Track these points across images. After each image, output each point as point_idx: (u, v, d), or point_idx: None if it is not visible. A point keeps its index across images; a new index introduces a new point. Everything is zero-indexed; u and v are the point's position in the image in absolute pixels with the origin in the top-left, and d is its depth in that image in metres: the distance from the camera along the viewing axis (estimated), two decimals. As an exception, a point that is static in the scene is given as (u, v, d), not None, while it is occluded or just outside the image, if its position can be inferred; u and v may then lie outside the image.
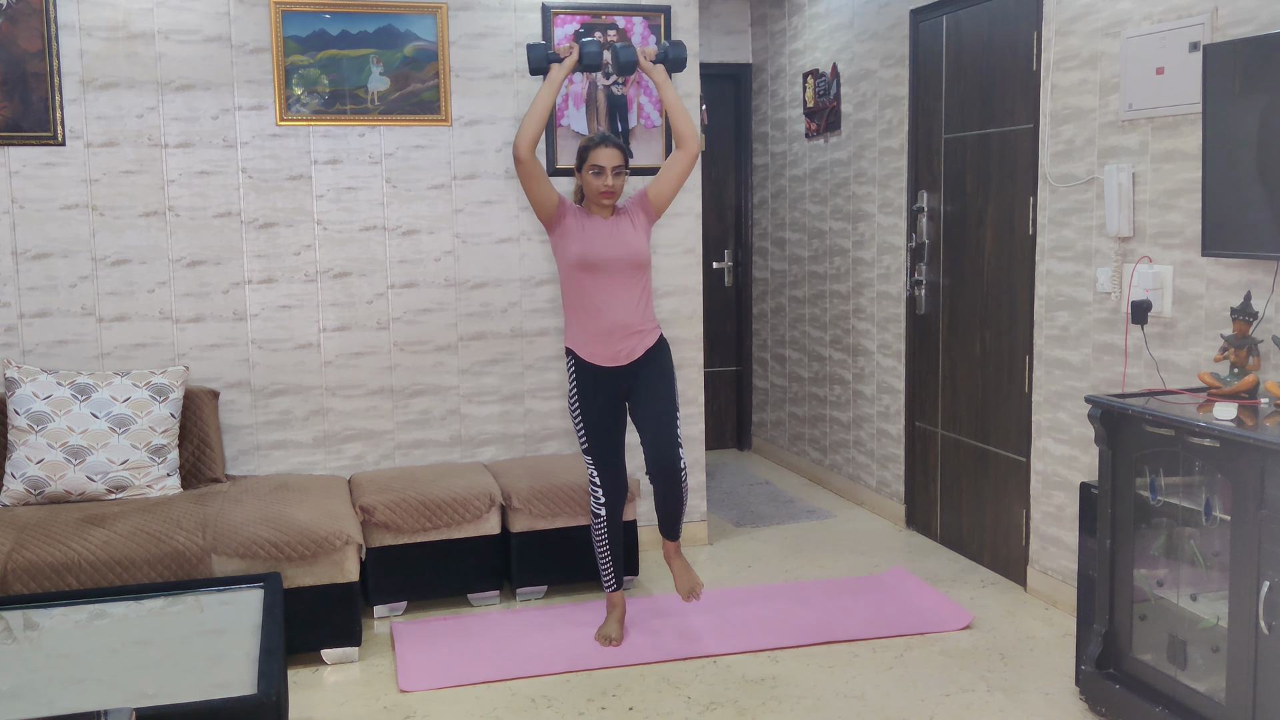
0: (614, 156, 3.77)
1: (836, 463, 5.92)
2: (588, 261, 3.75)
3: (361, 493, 4.21)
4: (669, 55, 3.82)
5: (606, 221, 3.82)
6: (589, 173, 3.78)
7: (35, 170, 4.24)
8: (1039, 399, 4.26)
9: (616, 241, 3.78)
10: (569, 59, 3.76)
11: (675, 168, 3.85)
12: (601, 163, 3.76)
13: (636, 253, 3.80)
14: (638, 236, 3.82)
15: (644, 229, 3.86)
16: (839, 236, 5.75)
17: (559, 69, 3.75)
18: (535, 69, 3.77)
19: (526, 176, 3.72)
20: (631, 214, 3.86)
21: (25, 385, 4.01)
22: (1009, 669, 3.68)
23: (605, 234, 3.78)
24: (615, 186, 3.78)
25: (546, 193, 3.75)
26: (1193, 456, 2.97)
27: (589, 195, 3.82)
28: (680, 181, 3.87)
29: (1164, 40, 3.55)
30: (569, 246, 3.78)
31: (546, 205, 3.77)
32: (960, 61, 4.69)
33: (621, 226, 3.82)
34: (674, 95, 3.81)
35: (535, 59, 3.75)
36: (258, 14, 4.38)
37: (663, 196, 3.88)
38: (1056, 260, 4.13)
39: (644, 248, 3.83)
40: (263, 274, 4.49)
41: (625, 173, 3.81)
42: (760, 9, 6.57)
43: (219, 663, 2.92)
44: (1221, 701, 2.87)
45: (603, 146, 3.77)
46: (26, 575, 3.50)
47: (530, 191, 3.75)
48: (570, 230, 3.78)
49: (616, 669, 3.72)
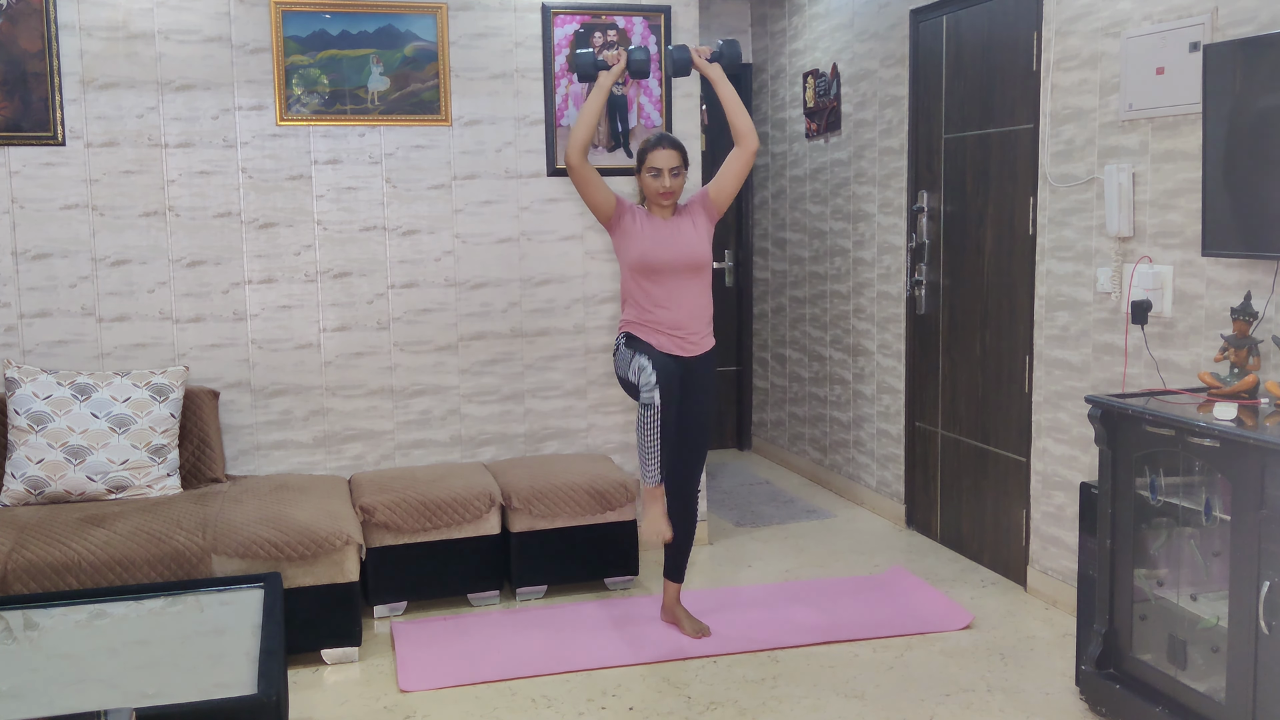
0: (671, 158, 3.78)
1: (836, 463, 5.92)
2: (648, 263, 3.75)
3: (361, 493, 4.21)
4: (723, 53, 3.84)
5: (667, 222, 3.83)
6: (647, 174, 3.79)
7: (35, 170, 4.24)
8: (1039, 399, 4.26)
9: (677, 243, 3.79)
10: (617, 66, 3.77)
11: (735, 165, 3.84)
12: (659, 164, 3.77)
13: (697, 254, 3.80)
14: (699, 237, 3.82)
15: (705, 229, 3.86)
16: (839, 236, 5.75)
17: (607, 76, 3.76)
18: (583, 76, 3.79)
19: (581, 182, 3.74)
20: (693, 214, 3.86)
21: (25, 385, 4.01)
22: (1009, 669, 3.68)
23: (666, 235, 3.79)
24: (673, 187, 3.79)
25: (603, 195, 3.76)
26: (1193, 456, 2.96)
27: (648, 196, 3.84)
28: (741, 178, 3.87)
29: (1164, 40, 3.55)
30: (629, 248, 3.79)
31: (604, 208, 3.78)
32: (960, 61, 4.69)
33: (682, 227, 3.82)
34: (731, 93, 3.82)
35: (583, 67, 3.77)
36: (258, 14, 4.38)
37: (724, 194, 3.88)
38: (1056, 260, 4.13)
39: (704, 249, 3.83)
40: (263, 274, 4.49)
41: (684, 172, 3.82)
42: (760, 9, 6.57)
43: (219, 663, 2.92)
44: (1221, 701, 2.87)
45: (659, 148, 3.78)
46: (26, 575, 3.50)
47: (586, 196, 3.76)
48: (630, 231, 3.79)
49: (616, 669, 3.72)
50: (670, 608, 4.02)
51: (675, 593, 4.02)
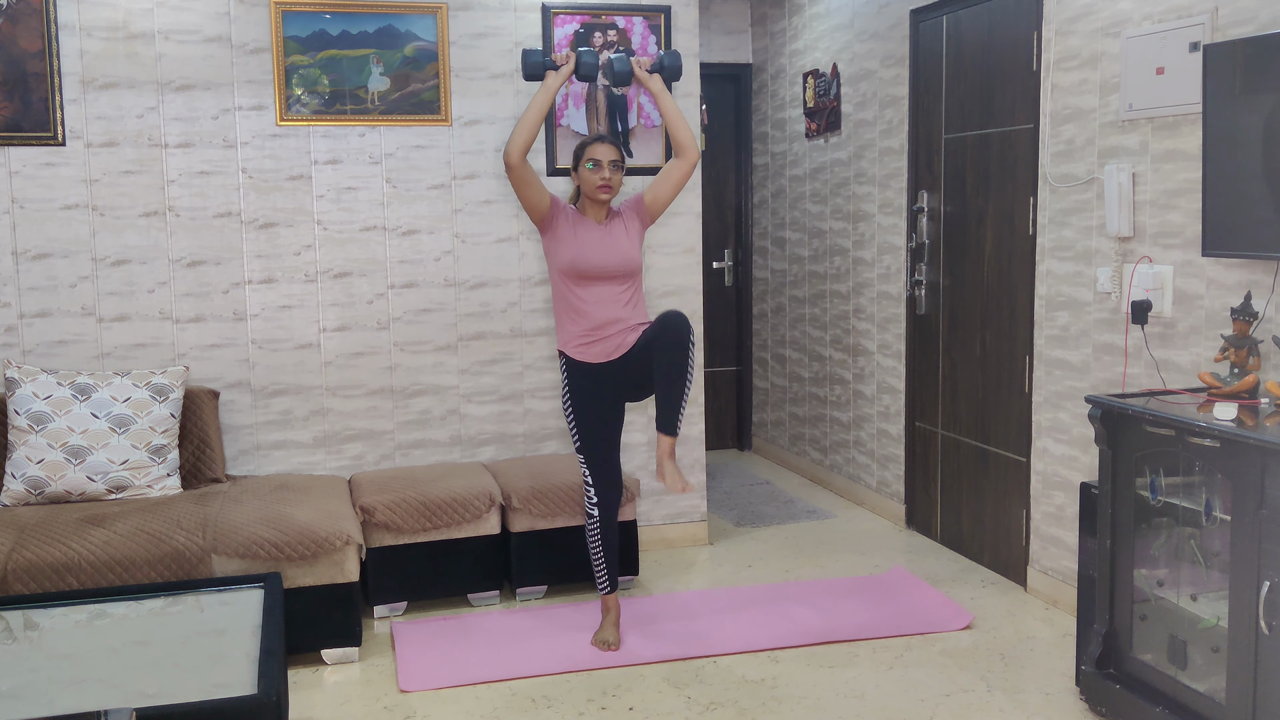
0: (611, 151, 3.77)
1: (836, 463, 5.92)
2: (578, 269, 3.74)
3: (361, 493, 4.21)
4: (664, 65, 3.82)
5: (599, 226, 3.81)
6: (585, 166, 3.78)
7: (35, 170, 4.24)
8: (1039, 399, 4.26)
9: (608, 248, 3.77)
10: (565, 67, 3.75)
11: (674, 175, 3.85)
12: (598, 156, 3.76)
13: (628, 260, 3.79)
14: (630, 242, 3.82)
15: (637, 234, 3.86)
16: (839, 236, 5.75)
17: (554, 77, 3.74)
18: (530, 75, 3.76)
19: (518, 181, 3.71)
20: (625, 218, 3.86)
21: (25, 385, 4.01)
22: (1009, 669, 3.68)
23: (597, 240, 3.78)
24: (613, 181, 3.77)
25: (539, 195, 3.74)
26: (1193, 456, 2.96)
27: (585, 191, 3.81)
28: (678, 189, 3.87)
29: (1164, 40, 3.55)
30: (560, 251, 3.77)
31: (539, 208, 3.76)
32: (960, 61, 4.69)
33: (614, 232, 3.82)
34: (671, 104, 3.80)
35: (530, 65, 3.74)
36: (258, 14, 4.38)
37: (659, 202, 3.88)
38: (1056, 260, 4.13)
39: (636, 255, 3.82)
40: (263, 274, 4.49)
41: (623, 169, 3.81)
42: (760, 9, 6.57)
43: (219, 663, 2.92)
44: (1221, 701, 2.87)
45: (599, 142, 3.79)
46: (26, 575, 3.49)
47: (522, 195, 3.74)
48: (562, 235, 3.78)
49: (616, 669, 3.72)
50: (661, 460, 3.74)
51: (668, 446, 3.73)
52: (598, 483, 3.87)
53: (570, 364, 3.83)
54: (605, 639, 3.88)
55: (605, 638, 3.88)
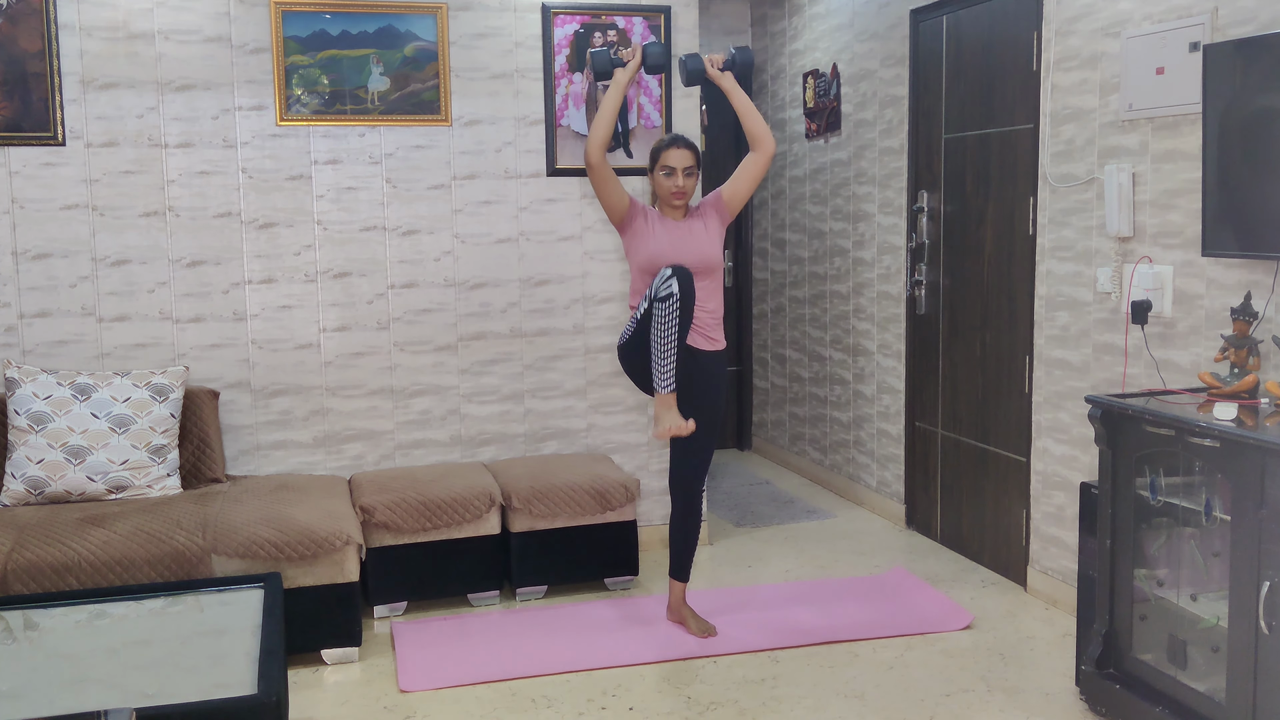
0: (685, 158, 3.78)
1: (837, 463, 5.92)
2: (658, 265, 3.74)
3: (361, 493, 4.21)
4: (736, 61, 3.84)
5: (679, 224, 3.82)
6: (660, 174, 3.79)
7: (35, 170, 4.24)
8: (1039, 399, 4.26)
9: (686, 245, 3.78)
10: (632, 62, 3.78)
11: (751, 169, 3.85)
12: (672, 164, 3.76)
13: (707, 256, 3.79)
14: (710, 239, 3.82)
15: (716, 231, 3.85)
16: (839, 237, 5.75)
17: (623, 72, 3.77)
18: (600, 75, 3.80)
19: (599, 181, 3.73)
20: (705, 216, 3.86)
21: (25, 385, 4.01)
22: (1009, 669, 3.68)
23: (676, 237, 3.78)
24: (686, 187, 3.78)
25: (618, 195, 3.76)
26: (1193, 456, 2.96)
27: (660, 196, 3.83)
28: (756, 183, 3.88)
29: (1164, 40, 3.55)
30: (640, 249, 3.78)
31: (618, 208, 3.78)
32: (960, 62, 4.69)
33: (694, 229, 3.82)
34: (744, 100, 3.83)
35: (600, 64, 3.79)
36: (258, 14, 4.38)
37: (738, 197, 3.88)
38: (1056, 260, 4.13)
39: (715, 252, 3.82)
40: (263, 274, 4.49)
41: (697, 173, 3.82)
42: (760, 9, 6.57)
43: (219, 663, 2.92)
44: (1221, 701, 2.87)
45: (674, 148, 3.78)
46: (26, 575, 3.49)
47: (602, 195, 3.76)
48: (641, 232, 3.79)
49: (616, 669, 3.72)
50: (676, 607, 4.01)
51: (681, 592, 4.01)
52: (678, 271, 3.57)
53: None
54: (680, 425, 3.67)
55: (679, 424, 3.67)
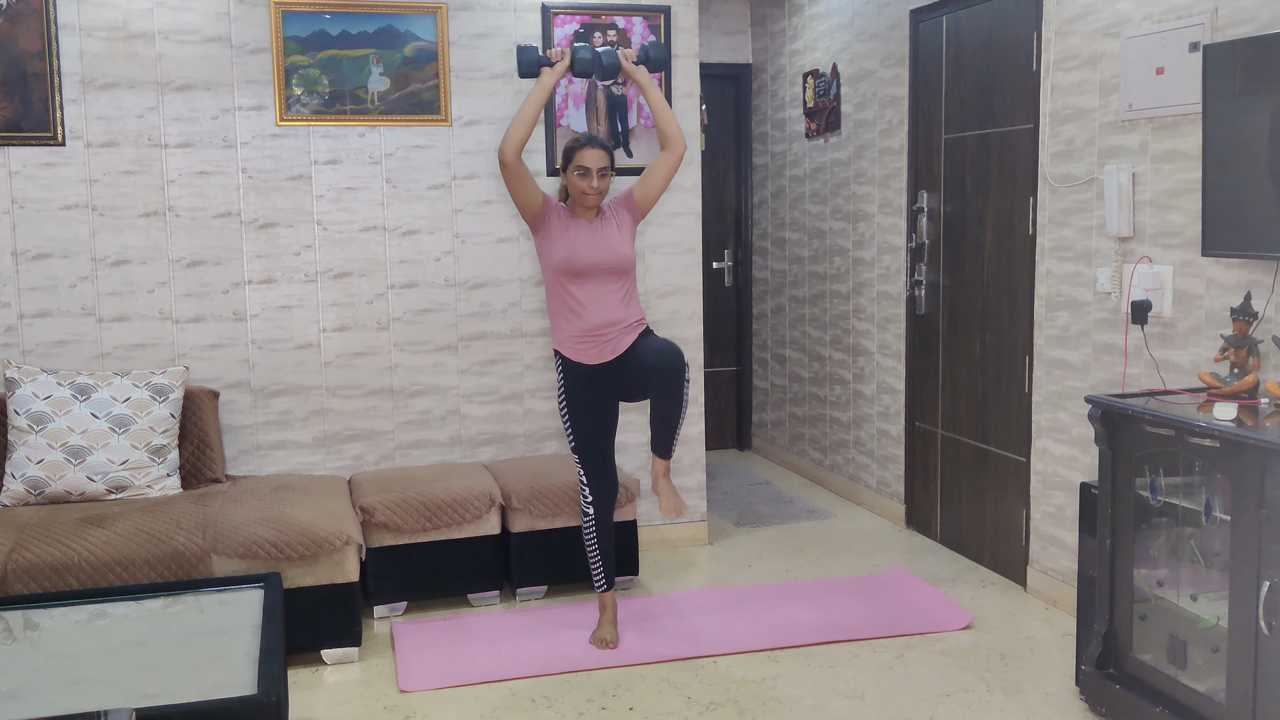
0: (600, 158, 3.75)
1: (836, 463, 5.92)
2: (571, 266, 3.74)
3: (361, 493, 4.21)
4: (650, 56, 3.82)
5: (591, 224, 3.81)
6: (574, 173, 3.76)
7: (35, 170, 4.24)
8: (1039, 399, 4.26)
9: (600, 245, 3.76)
10: (560, 64, 3.75)
11: (661, 169, 3.84)
12: (587, 164, 3.74)
13: (621, 256, 3.79)
14: (622, 239, 3.81)
15: (629, 231, 3.85)
16: (839, 236, 5.75)
17: (550, 74, 3.74)
18: (525, 73, 3.75)
19: (513, 180, 3.70)
20: (616, 215, 3.85)
21: (25, 385, 4.01)
22: (1009, 669, 3.68)
23: (589, 238, 3.77)
24: (600, 188, 3.77)
25: (531, 195, 3.74)
26: (1193, 456, 2.96)
27: (574, 196, 3.80)
28: (665, 182, 3.87)
29: (1164, 40, 3.55)
30: (553, 250, 3.77)
31: (531, 207, 3.76)
32: (960, 62, 4.69)
33: (606, 229, 3.81)
34: (658, 96, 3.81)
35: (526, 62, 3.73)
36: (258, 14, 4.38)
37: (649, 198, 3.87)
38: (1056, 260, 4.13)
39: (628, 251, 3.81)
40: (263, 274, 4.49)
41: (611, 174, 3.80)
42: (760, 9, 6.57)
43: (219, 663, 2.92)
44: (1221, 701, 2.87)
45: (589, 148, 3.75)
46: (26, 575, 3.49)
47: (515, 194, 3.74)
48: (554, 233, 3.77)
49: (616, 669, 3.72)
50: (656, 479, 3.83)
51: (663, 468, 3.81)
52: (593, 482, 3.87)
53: (566, 364, 3.83)
54: (603, 637, 3.88)
55: (603, 635, 3.88)
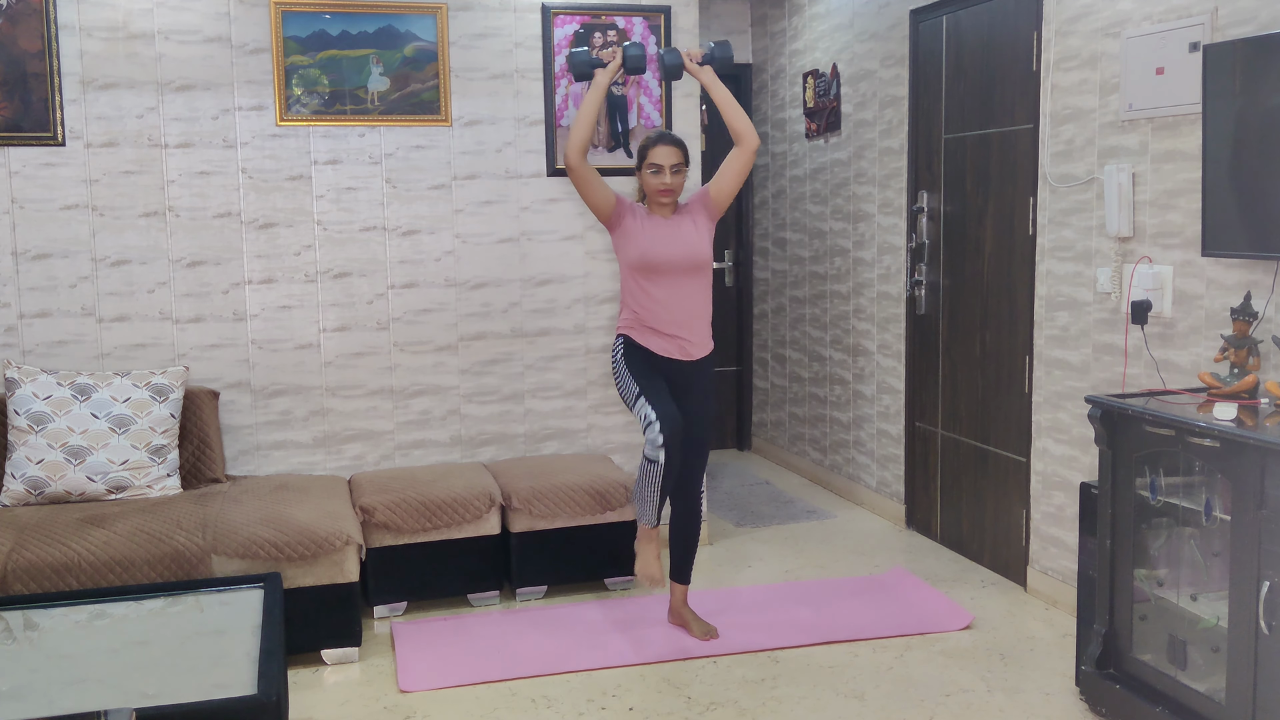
0: (671, 154, 3.76)
1: (836, 463, 5.92)
2: (646, 263, 3.74)
3: (361, 493, 4.21)
4: (715, 55, 3.82)
5: (667, 221, 3.81)
6: (647, 171, 3.77)
7: (35, 170, 4.24)
8: (1039, 399, 4.26)
9: (676, 242, 3.77)
10: (613, 63, 3.77)
11: (735, 164, 3.83)
12: (659, 161, 3.75)
13: (697, 253, 3.79)
14: (699, 236, 3.81)
15: (706, 228, 3.84)
16: (839, 237, 5.75)
17: (603, 74, 3.76)
18: (579, 75, 3.79)
19: (580, 182, 3.73)
20: (693, 213, 3.85)
21: (25, 385, 4.01)
22: (1009, 669, 3.68)
23: (666, 234, 3.78)
24: (674, 185, 3.77)
25: (603, 195, 3.75)
26: (1193, 456, 2.96)
27: (648, 194, 3.82)
28: (742, 177, 3.85)
29: (1164, 40, 3.55)
30: (629, 247, 3.78)
31: (604, 207, 3.77)
32: (960, 62, 4.69)
33: (683, 226, 3.81)
34: (725, 94, 3.80)
35: (579, 65, 3.77)
36: (258, 14, 4.38)
37: (724, 193, 3.86)
38: (1056, 260, 4.13)
39: (705, 248, 3.81)
40: (263, 274, 4.49)
41: (685, 170, 3.81)
42: (760, 9, 6.57)
43: (219, 663, 2.92)
44: (1221, 702, 2.87)
45: (660, 145, 3.76)
46: (26, 575, 3.50)
47: (586, 196, 3.75)
48: (630, 231, 3.78)
49: (616, 669, 3.72)
50: (678, 609, 4.01)
51: (682, 594, 4.01)
52: (662, 416, 3.67)
53: (629, 343, 3.81)
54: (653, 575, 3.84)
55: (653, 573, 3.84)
